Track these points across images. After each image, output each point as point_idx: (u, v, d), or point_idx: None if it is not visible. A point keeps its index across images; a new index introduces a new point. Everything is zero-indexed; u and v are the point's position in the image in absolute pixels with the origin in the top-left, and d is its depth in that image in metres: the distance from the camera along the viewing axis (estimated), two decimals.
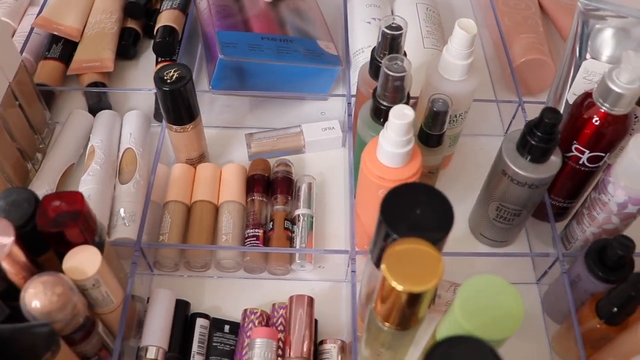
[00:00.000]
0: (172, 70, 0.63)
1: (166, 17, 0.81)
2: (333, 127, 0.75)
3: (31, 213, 0.52)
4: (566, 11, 0.89)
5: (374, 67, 0.65)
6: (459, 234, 0.72)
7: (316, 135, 0.75)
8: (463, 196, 0.74)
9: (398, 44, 0.62)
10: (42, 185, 0.69)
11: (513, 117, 0.77)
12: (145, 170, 0.70)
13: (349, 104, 0.73)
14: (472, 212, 0.71)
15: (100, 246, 0.57)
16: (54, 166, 0.71)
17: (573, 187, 0.68)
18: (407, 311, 0.46)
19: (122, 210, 0.65)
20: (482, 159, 0.78)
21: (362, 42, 0.79)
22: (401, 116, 0.54)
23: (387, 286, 0.43)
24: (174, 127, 0.67)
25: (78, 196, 0.54)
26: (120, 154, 0.71)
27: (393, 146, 0.55)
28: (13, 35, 0.85)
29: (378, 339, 0.52)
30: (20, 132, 0.70)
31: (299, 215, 0.68)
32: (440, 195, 0.47)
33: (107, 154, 0.70)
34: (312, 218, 0.69)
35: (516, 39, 0.82)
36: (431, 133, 0.65)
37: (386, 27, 0.62)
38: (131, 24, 0.85)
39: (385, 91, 0.59)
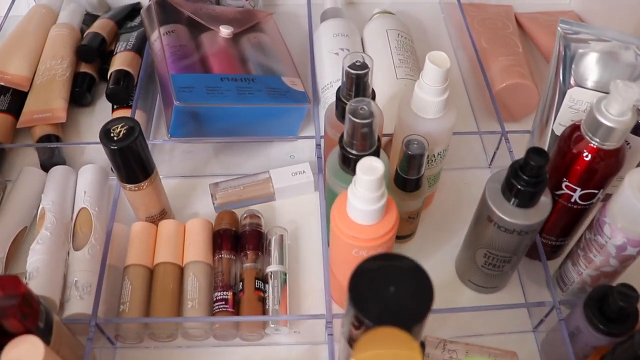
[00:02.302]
0: (119, 126, 0.58)
1: (120, 61, 0.76)
2: (304, 171, 0.70)
3: None
4: (545, 29, 0.85)
5: (340, 109, 0.59)
6: (446, 279, 0.66)
7: (286, 180, 0.69)
8: (448, 237, 0.69)
9: (364, 83, 0.57)
10: None
11: (497, 148, 0.71)
12: (102, 232, 0.65)
13: (319, 145, 0.68)
14: (459, 257, 0.66)
15: (46, 331, 0.51)
16: (4, 231, 0.65)
17: (565, 225, 0.63)
18: None
19: (76, 282, 0.60)
20: (466, 194, 0.72)
21: (330, 75, 0.74)
22: (370, 171, 0.48)
23: None
24: (128, 185, 0.61)
25: (14, 281, 0.49)
26: (75, 215, 0.66)
27: (364, 203, 0.50)
28: None
29: None
30: None
31: (270, 273, 0.63)
32: (418, 269, 0.41)
33: (59, 217, 0.64)
34: (285, 275, 0.63)
35: (494, 62, 0.77)
36: (408, 177, 0.60)
37: (349, 66, 0.56)
38: (85, 69, 0.79)
39: (352, 138, 0.54)
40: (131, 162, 0.59)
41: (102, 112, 0.79)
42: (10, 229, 0.66)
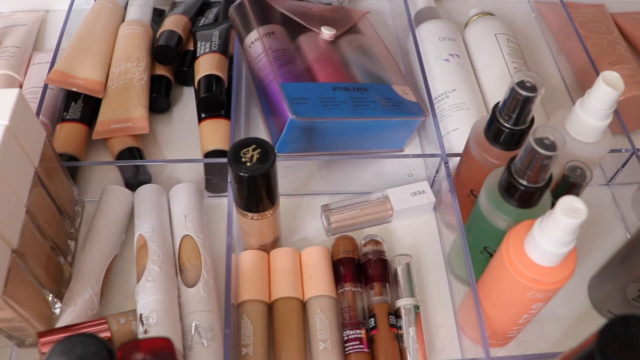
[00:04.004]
0: (250, 149, 0.51)
1: (207, 64, 0.67)
2: (423, 191, 0.64)
3: None
4: None
5: (494, 129, 0.54)
6: (579, 310, 0.62)
7: (405, 202, 0.63)
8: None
9: (529, 107, 0.51)
10: (84, 289, 0.56)
11: (623, 166, 0.67)
12: (211, 263, 0.58)
13: (446, 163, 0.62)
14: (598, 286, 0.61)
15: None
16: (95, 262, 0.58)
17: None
18: None
19: (196, 325, 0.53)
20: (589, 214, 0.68)
21: (443, 85, 0.68)
22: (573, 213, 0.43)
23: None
24: (250, 214, 0.54)
25: (165, 343, 0.42)
26: (177, 244, 0.58)
27: (555, 245, 0.45)
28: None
29: None
30: (48, 223, 0.57)
31: (402, 308, 0.57)
32: None
33: (163, 247, 0.57)
34: (418, 308, 0.58)
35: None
36: None
37: (518, 85, 0.50)
38: (160, 71, 0.71)
39: (526, 168, 0.48)
40: (261, 190, 0.52)
41: (180, 120, 0.71)
42: (102, 258, 0.58)
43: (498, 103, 0.53)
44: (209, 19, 0.74)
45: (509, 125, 0.52)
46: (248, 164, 0.50)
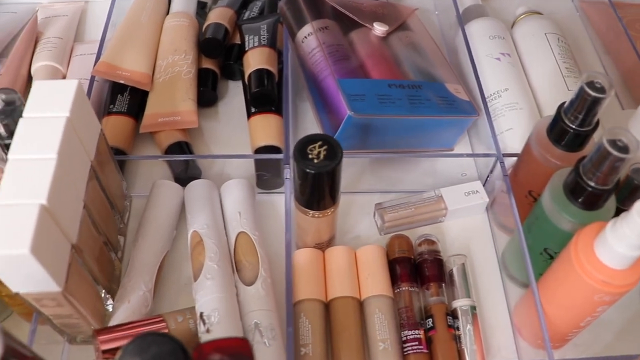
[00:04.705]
0: (317, 146, 0.50)
1: (257, 58, 0.66)
2: (477, 191, 0.63)
3: None
4: None
5: (558, 129, 0.53)
6: (632, 314, 0.61)
7: (459, 201, 0.62)
8: None
9: (597, 109, 0.50)
10: (138, 286, 0.55)
11: None
12: (267, 261, 0.57)
13: (502, 163, 0.61)
14: None
15: None
16: (147, 258, 0.57)
17: None
18: None
19: (257, 324, 0.52)
20: None
21: (495, 84, 0.67)
22: None
23: None
24: (311, 212, 0.54)
25: (242, 343, 0.41)
26: (232, 241, 0.58)
27: (629, 248, 0.44)
28: None
29: None
30: (102, 217, 0.56)
31: (459, 308, 0.57)
32: None
33: (219, 244, 0.56)
34: (475, 309, 0.57)
35: None
36: (622, 208, 0.54)
37: (588, 85, 0.50)
38: (207, 64, 0.70)
39: (596, 170, 0.48)
40: (325, 188, 0.51)
41: (228, 114, 0.70)
42: (154, 254, 0.57)
43: (563, 103, 0.53)
44: (254, 12, 0.73)
45: (574, 126, 0.52)
46: (315, 160, 0.49)
